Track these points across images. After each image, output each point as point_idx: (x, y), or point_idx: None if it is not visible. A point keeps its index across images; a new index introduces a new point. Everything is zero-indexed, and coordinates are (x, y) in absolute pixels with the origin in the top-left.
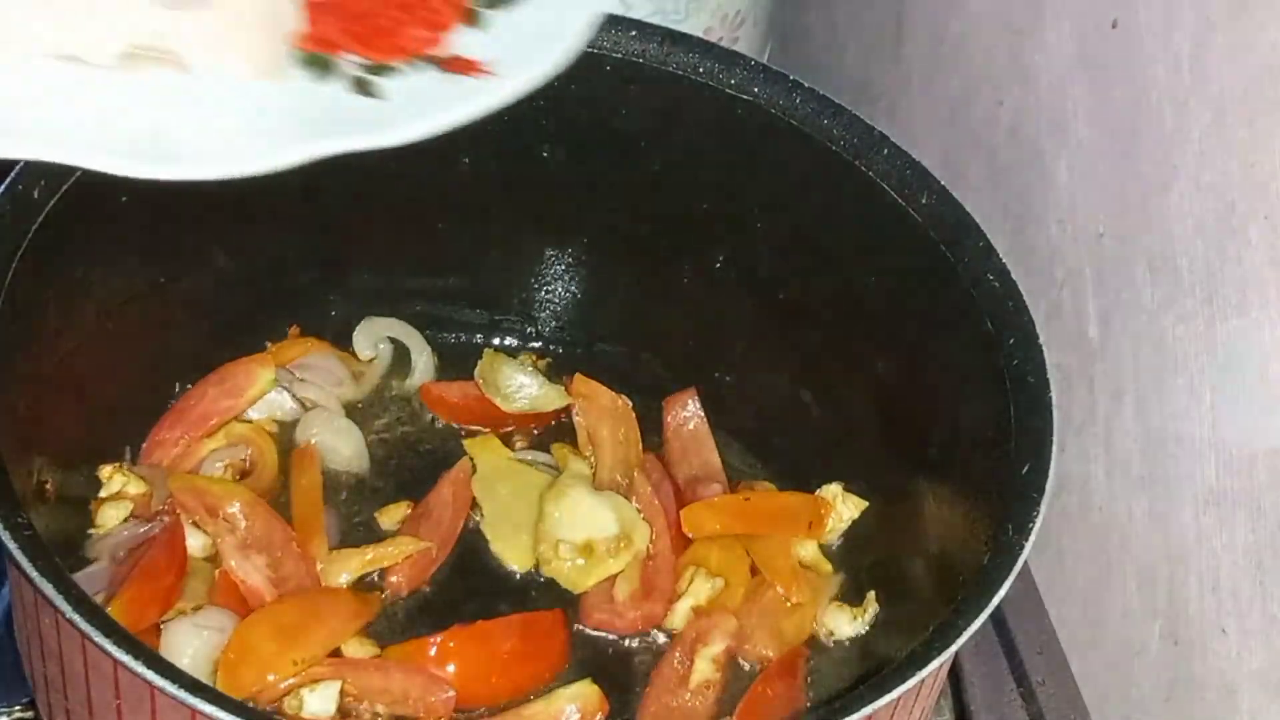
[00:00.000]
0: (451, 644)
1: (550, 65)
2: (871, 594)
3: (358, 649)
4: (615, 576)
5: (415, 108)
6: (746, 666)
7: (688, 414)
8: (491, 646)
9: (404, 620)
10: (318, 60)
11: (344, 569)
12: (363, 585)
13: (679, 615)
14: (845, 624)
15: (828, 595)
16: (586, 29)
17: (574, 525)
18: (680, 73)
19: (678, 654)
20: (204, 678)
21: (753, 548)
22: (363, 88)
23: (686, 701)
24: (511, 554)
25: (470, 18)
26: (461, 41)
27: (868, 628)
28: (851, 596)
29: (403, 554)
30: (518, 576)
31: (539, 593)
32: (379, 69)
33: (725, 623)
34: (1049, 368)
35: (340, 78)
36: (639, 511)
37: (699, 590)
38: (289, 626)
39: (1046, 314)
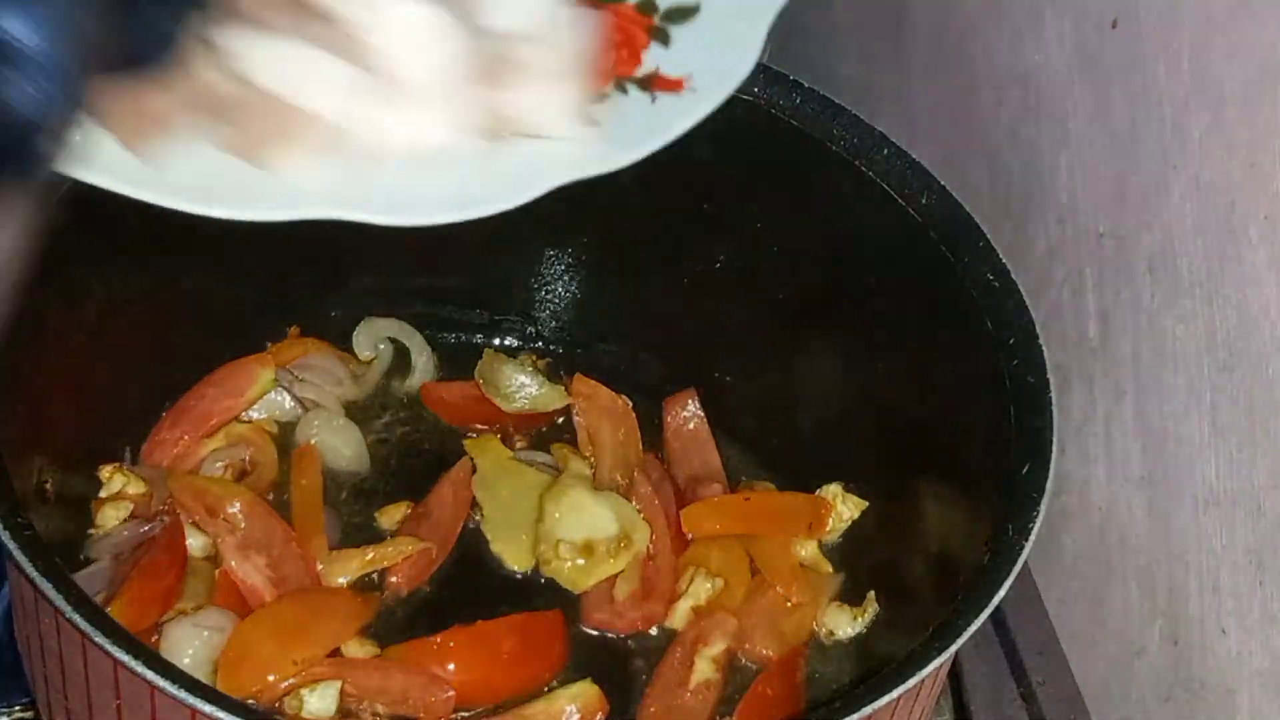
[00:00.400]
0: (451, 644)
1: (742, 74)
2: (871, 594)
3: (357, 649)
4: (615, 576)
5: (632, 131)
6: (747, 666)
7: (688, 414)
8: (491, 646)
9: (404, 620)
10: None
11: (344, 569)
12: (363, 585)
13: (679, 615)
14: (845, 624)
15: (828, 595)
16: (766, 35)
17: (574, 525)
18: None
19: (678, 654)
20: (204, 678)
21: (753, 548)
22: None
23: (686, 701)
24: (511, 554)
25: (661, 36)
26: (657, 60)
27: (867, 628)
28: (851, 596)
29: (403, 554)
30: (518, 576)
31: (539, 593)
32: (592, 98)
33: (725, 623)
34: (1049, 368)
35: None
36: (639, 511)
37: (699, 590)
38: (289, 626)
39: (1046, 314)
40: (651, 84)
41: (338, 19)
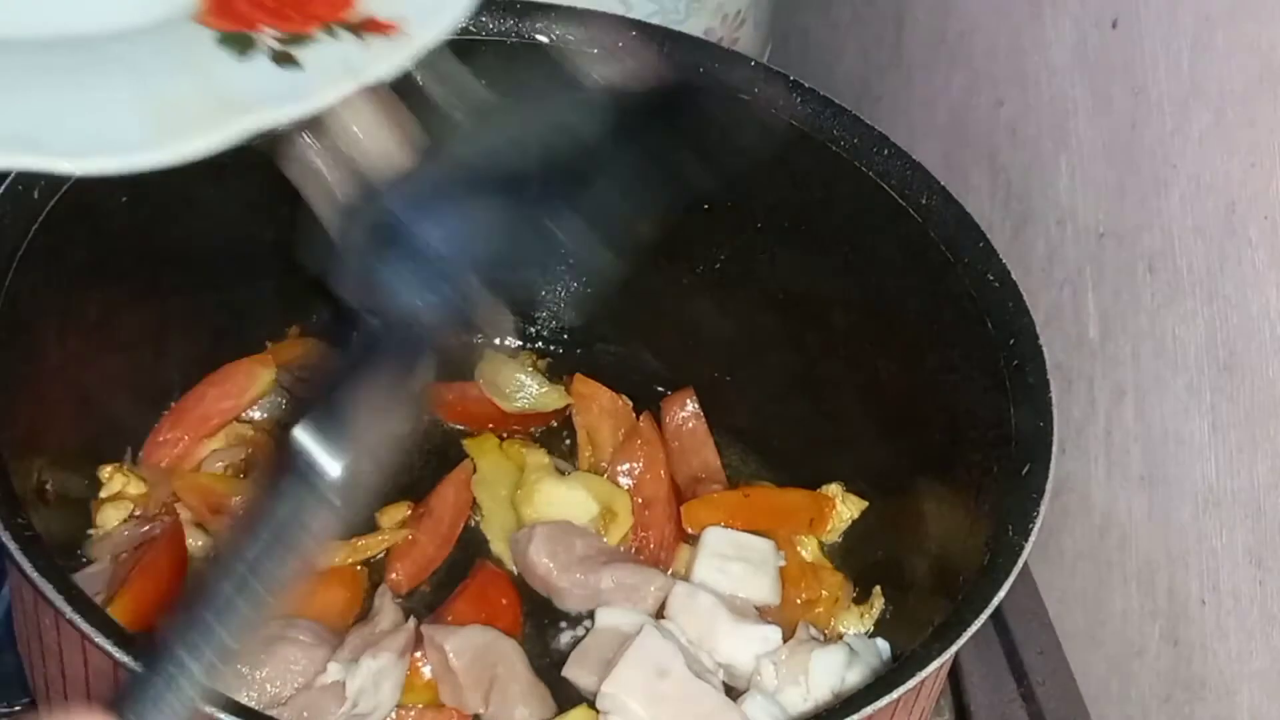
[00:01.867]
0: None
1: (455, 16)
2: (877, 589)
3: None
4: None
5: (333, 73)
6: None
7: (686, 414)
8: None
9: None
10: (237, 39)
11: (330, 558)
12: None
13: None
14: (852, 622)
15: (847, 598)
16: None
17: (555, 516)
18: (680, 73)
19: None
20: None
21: None
22: (283, 60)
23: None
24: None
25: None
26: (371, 4)
27: (873, 625)
28: (855, 595)
29: (386, 544)
30: (517, 575)
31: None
32: (296, 40)
33: None
34: (1049, 368)
35: (261, 52)
36: (613, 482)
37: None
38: None
39: (1046, 314)
40: (363, 28)
41: None
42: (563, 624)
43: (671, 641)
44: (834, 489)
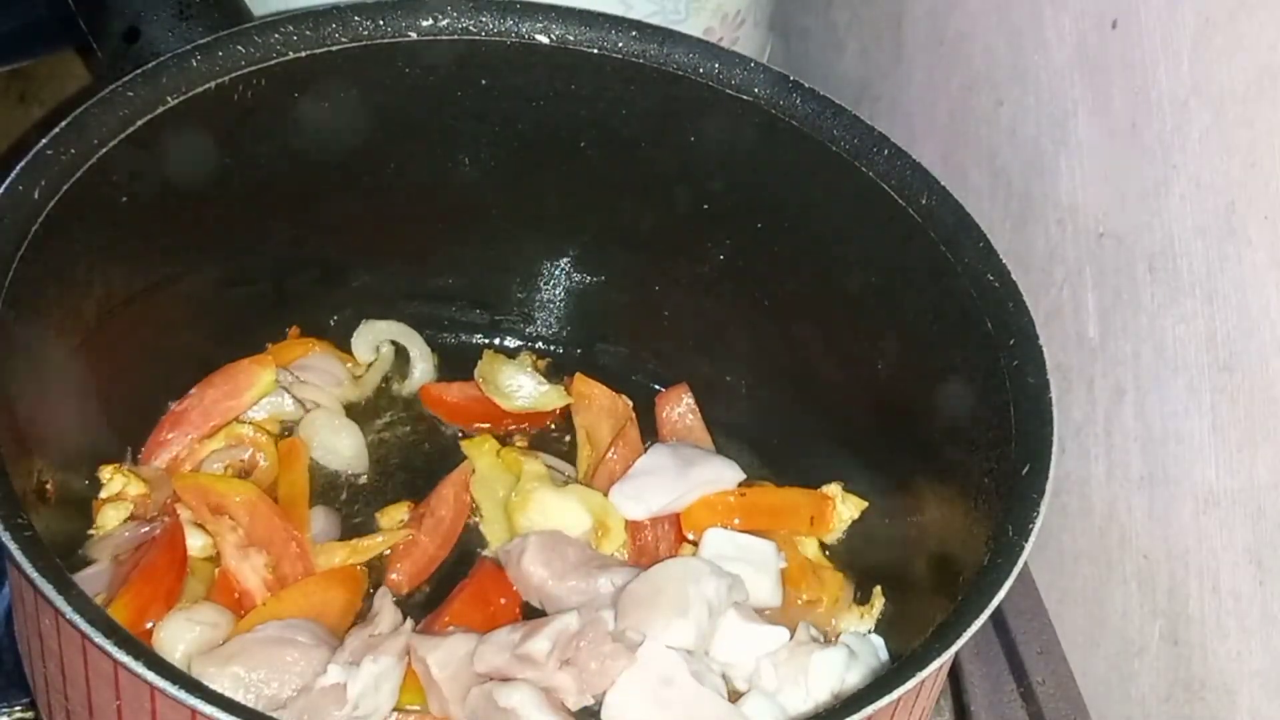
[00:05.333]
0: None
1: None
2: (878, 589)
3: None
4: None
5: None
6: None
7: (681, 410)
8: (466, 623)
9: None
10: None
11: (330, 561)
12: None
13: None
14: (852, 622)
15: (848, 598)
16: None
17: (548, 526)
18: (680, 73)
19: None
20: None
21: None
22: None
23: None
24: None
25: None
26: None
27: (873, 625)
28: (855, 595)
29: (387, 545)
30: None
31: None
32: None
33: None
34: (1049, 368)
35: None
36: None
37: None
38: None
39: (1046, 314)
40: None
41: None
42: None
43: (676, 649)
44: (834, 489)
